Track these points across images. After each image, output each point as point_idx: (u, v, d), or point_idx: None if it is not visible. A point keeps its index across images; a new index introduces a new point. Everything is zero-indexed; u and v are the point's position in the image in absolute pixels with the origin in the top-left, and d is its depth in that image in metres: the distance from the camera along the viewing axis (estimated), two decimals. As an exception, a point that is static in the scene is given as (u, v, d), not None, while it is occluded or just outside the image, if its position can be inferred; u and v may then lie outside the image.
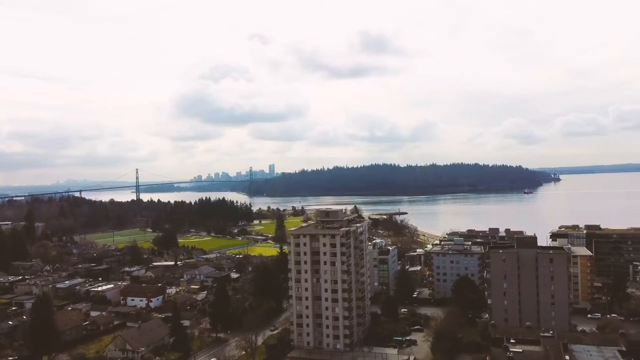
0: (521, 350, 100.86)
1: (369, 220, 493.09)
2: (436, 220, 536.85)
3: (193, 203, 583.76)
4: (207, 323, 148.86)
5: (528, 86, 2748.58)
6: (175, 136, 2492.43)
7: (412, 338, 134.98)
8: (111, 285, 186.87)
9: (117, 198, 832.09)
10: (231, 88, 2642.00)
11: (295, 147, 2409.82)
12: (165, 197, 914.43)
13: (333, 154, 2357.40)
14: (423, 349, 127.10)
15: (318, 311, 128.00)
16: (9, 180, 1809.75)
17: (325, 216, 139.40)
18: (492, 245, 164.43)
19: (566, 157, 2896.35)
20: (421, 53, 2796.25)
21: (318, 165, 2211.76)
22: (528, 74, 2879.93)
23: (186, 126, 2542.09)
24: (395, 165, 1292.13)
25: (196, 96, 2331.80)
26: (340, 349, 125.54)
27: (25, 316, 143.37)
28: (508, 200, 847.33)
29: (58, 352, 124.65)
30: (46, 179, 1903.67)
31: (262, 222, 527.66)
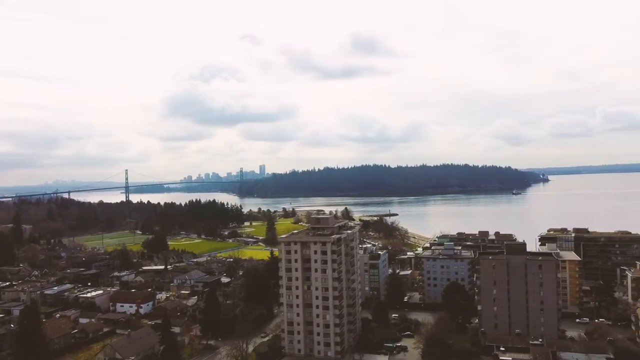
0: (511, 358, 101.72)
1: (360, 222, 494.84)
2: (426, 221, 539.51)
3: (183, 205, 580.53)
4: (198, 330, 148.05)
5: (517, 87, 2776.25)
6: (165, 136, 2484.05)
7: (403, 344, 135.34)
8: (100, 291, 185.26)
9: (107, 199, 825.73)
10: (222, 88, 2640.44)
11: (286, 148, 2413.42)
12: (155, 198, 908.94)
13: (324, 155, 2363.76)
14: (414, 356, 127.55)
15: (309, 318, 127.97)
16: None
17: (316, 223, 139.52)
18: (482, 251, 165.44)
19: (555, 158, 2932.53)
20: (412, 54, 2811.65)
21: (309, 165, 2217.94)
22: (517, 76, 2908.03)
23: (176, 126, 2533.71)
24: (385, 166, 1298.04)
25: (187, 96, 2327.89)
26: (331, 357, 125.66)
27: (12, 324, 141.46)
28: (497, 201, 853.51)
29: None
30: (34, 180, 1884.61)
31: (253, 224, 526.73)
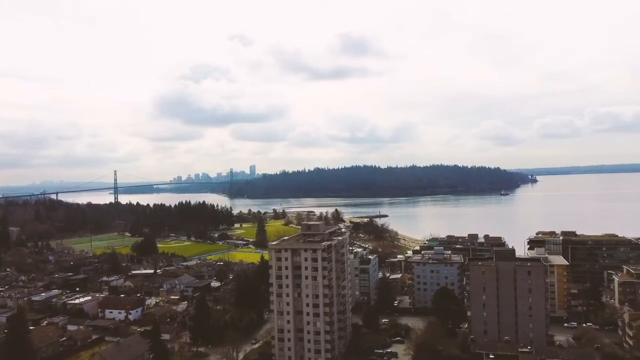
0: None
1: (350, 223, 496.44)
2: (416, 223, 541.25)
3: (173, 206, 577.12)
4: (188, 337, 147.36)
5: (506, 89, 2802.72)
6: (155, 136, 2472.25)
7: (393, 350, 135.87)
8: (89, 297, 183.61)
9: (95, 200, 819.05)
10: (212, 88, 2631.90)
11: (276, 148, 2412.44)
12: (144, 199, 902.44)
13: (314, 155, 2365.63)
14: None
15: (299, 325, 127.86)
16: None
17: (306, 229, 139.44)
18: (472, 254, 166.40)
19: (543, 158, 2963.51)
20: (402, 55, 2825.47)
21: (299, 166, 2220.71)
22: (506, 77, 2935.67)
23: (166, 126, 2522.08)
24: (375, 166, 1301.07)
25: (176, 96, 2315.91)
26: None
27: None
28: (486, 202, 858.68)
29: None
30: (22, 180, 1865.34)
31: (243, 226, 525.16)
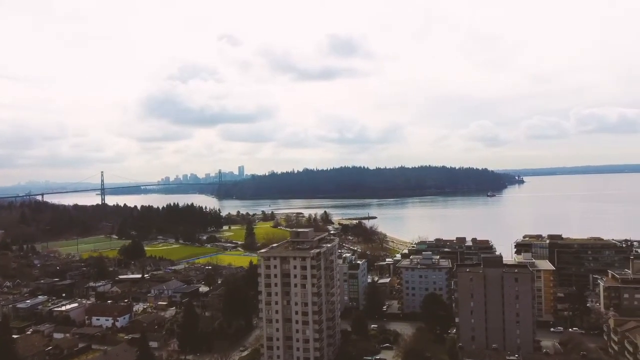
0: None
1: (339, 225, 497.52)
2: (405, 225, 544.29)
3: (161, 208, 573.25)
4: (176, 345, 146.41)
5: (494, 89, 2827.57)
6: (142, 137, 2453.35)
7: (382, 357, 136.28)
8: (75, 304, 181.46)
9: (82, 201, 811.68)
10: (200, 89, 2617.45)
11: (264, 149, 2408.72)
12: (131, 200, 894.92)
13: (303, 155, 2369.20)
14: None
15: (288, 333, 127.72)
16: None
17: (295, 236, 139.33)
18: (460, 257, 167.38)
19: (530, 159, 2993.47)
20: (390, 56, 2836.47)
21: (287, 166, 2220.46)
22: (493, 78, 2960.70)
23: (154, 127, 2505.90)
24: (364, 167, 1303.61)
25: (164, 96, 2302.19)
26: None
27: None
28: (473, 203, 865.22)
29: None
30: (6, 180, 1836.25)
31: (232, 228, 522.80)
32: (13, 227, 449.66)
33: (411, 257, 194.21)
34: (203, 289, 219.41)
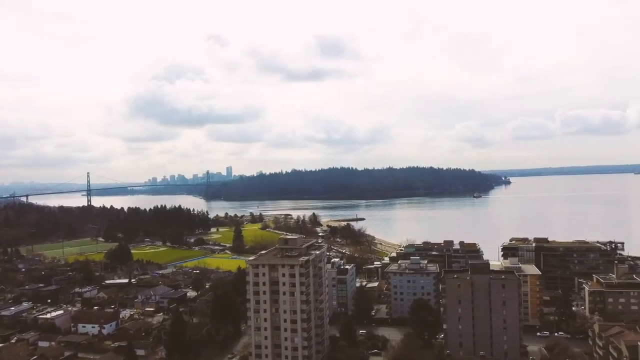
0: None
1: (328, 227, 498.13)
2: (393, 227, 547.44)
3: (148, 210, 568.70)
4: (163, 352, 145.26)
5: (480, 91, 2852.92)
6: (128, 137, 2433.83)
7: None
8: (61, 311, 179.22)
9: (67, 202, 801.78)
10: (187, 89, 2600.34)
11: (252, 149, 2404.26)
12: (118, 201, 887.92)
13: (290, 156, 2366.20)
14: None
15: (277, 341, 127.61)
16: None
17: (284, 244, 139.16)
18: (448, 261, 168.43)
19: (515, 160, 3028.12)
20: (378, 57, 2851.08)
21: (275, 167, 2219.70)
22: (480, 80, 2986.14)
23: (140, 127, 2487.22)
24: (352, 168, 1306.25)
25: (151, 96, 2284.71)
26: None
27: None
28: (460, 204, 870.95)
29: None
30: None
31: (220, 230, 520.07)
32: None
33: (399, 262, 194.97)
34: (191, 294, 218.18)
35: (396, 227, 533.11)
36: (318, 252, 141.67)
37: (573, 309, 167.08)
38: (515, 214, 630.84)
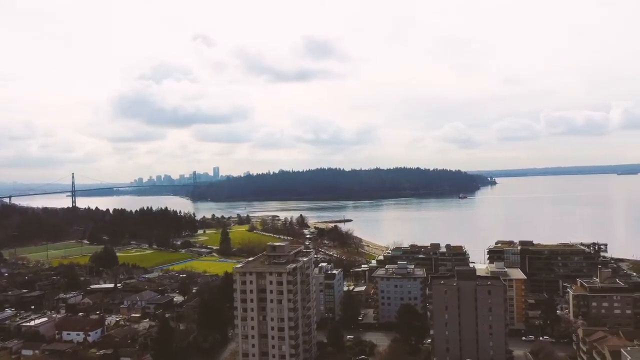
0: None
1: (315, 229, 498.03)
2: (380, 228, 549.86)
3: (134, 212, 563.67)
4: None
5: (466, 92, 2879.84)
6: (114, 137, 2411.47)
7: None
8: (45, 318, 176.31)
9: (51, 203, 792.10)
10: (173, 89, 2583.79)
11: (240, 149, 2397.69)
12: (103, 202, 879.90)
13: (278, 156, 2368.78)
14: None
15: (264, 349, 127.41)
16: None
17: (272, 250, 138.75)
18: (434, 274, 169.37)
19: (501, 161, 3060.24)
20: (365, 58, 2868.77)
21: (263, 167, 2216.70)
22: (466, 81, 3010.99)
23: (126, 127, 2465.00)
24: (340, 169, 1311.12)
25: (137, 96, 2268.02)
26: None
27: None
28: (446, 205, 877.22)
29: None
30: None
31: (207, 232, 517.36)
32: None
33: (387, 267, 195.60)
34: (177, 299, 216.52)
35: (383, 229, 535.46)
36: (306, 259, 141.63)
37: (558, 313, 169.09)
38: (500, 216, 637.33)
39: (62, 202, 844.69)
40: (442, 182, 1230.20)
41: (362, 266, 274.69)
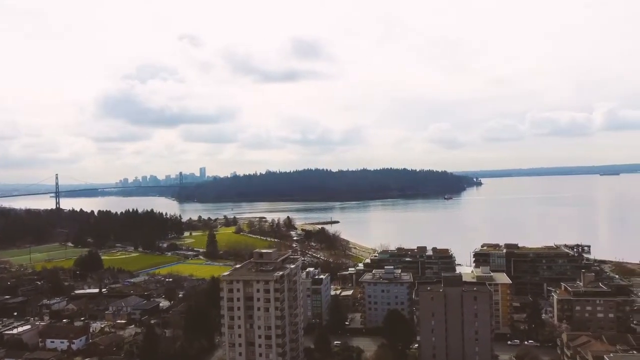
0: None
1: (302, 231, 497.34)
2: (367, 230, 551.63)
3: (119, 214, 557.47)
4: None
5: (453, 93, 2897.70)
6: (99, 137, 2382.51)
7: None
8: (28, 326, 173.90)
9: (35, 205, 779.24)
10: (160, 89, 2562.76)
11: (226, 150, 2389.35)
12: (88, 203, 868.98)
13: (265, 157, 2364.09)
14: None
15: (252, 357, 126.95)
16: None
17: (259, 257, 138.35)
18: (421, 280, 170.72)
19: (487, 161, 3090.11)
20: (353, 59, 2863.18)
21: (250, 167, 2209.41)
22: (452, 82, 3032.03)
23: (111, 127, 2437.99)
24: (327, 170, 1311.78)
25: (122, 96, 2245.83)
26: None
27: None
28: (433, 206, 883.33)
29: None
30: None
31: (193, 234, 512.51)
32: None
33: (374, 272, 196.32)
34: (164, 304, 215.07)
35: (370, 230, 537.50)
36: (293, 266, 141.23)
37: (542, 317, 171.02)
38: (486, 217, 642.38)
39: (46, 204, 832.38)
40: (429, 183, 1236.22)
41: (350, 269, 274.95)
